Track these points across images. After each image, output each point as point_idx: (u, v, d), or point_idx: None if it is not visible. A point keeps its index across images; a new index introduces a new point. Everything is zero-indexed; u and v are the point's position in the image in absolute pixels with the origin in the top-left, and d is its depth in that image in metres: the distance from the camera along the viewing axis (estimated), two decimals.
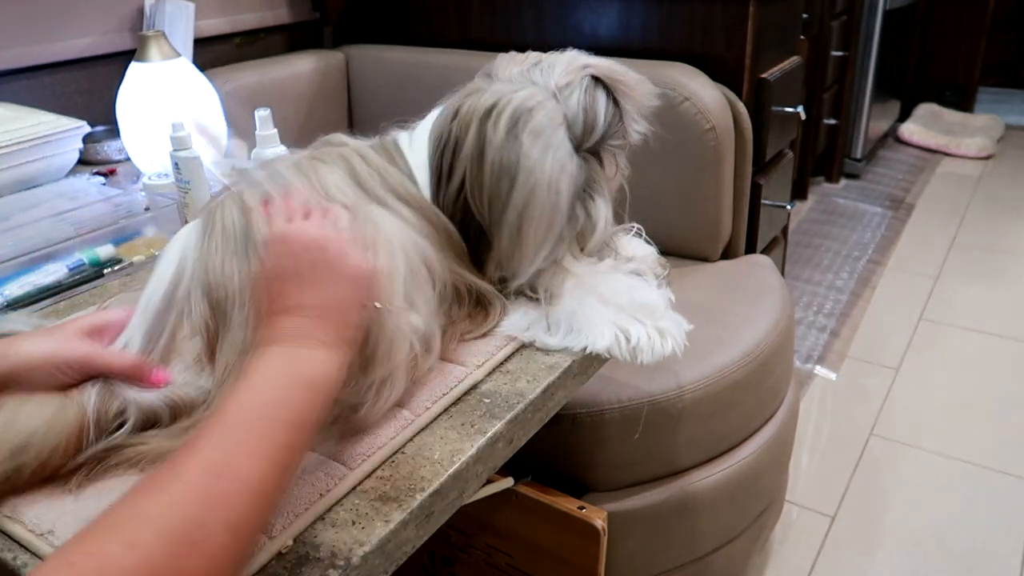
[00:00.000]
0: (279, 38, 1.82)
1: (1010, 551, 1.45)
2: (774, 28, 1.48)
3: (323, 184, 0.70)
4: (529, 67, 0.74)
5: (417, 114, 0.82)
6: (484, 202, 0.72)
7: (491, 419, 0.66)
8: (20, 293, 0.88)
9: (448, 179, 0.73)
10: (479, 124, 0.70)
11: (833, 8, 2.73)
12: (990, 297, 2.34)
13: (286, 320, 0.54)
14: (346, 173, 0.72)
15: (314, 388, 0.51)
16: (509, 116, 0.69)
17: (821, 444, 1.76)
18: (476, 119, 0.71)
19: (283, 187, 0.67)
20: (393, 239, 0.67)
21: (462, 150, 0.71)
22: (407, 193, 0.73)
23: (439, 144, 0.74)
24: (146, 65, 1.18)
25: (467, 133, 0.71)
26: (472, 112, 0.71)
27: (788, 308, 1.29)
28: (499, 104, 0.70)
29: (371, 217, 0.67)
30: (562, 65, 0.73)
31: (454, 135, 0.72)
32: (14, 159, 1.17)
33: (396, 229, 0.68)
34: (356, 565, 0.52)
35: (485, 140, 0.70)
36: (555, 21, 1.57)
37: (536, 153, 0.69)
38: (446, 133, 0.73)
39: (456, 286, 0.74)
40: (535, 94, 0.71)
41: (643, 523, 1.11)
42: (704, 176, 1.37)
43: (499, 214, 0.71)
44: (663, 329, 0.75)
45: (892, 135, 3.68)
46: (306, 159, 0.73)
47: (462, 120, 0.72)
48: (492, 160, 0.70)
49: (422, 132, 0.78)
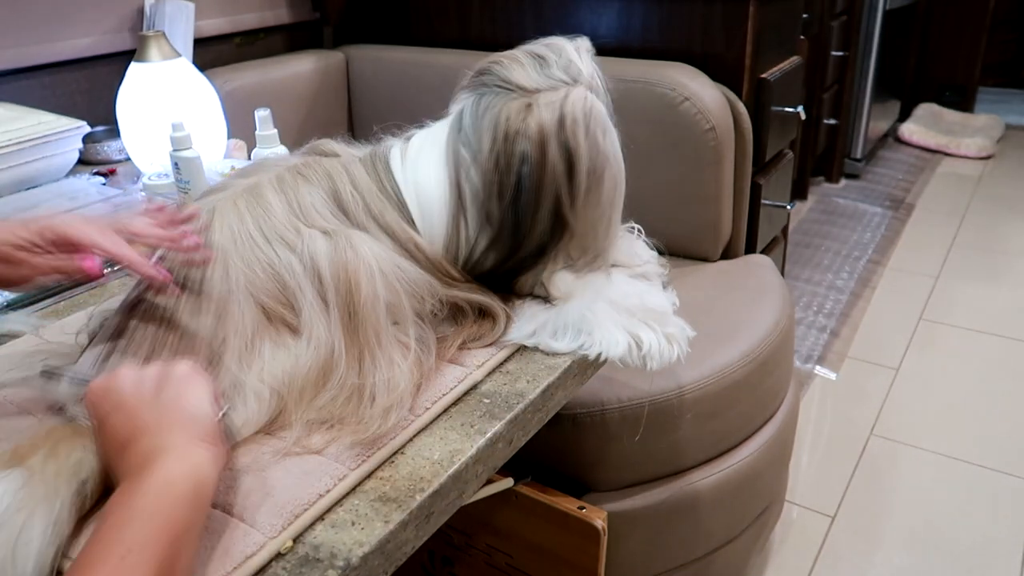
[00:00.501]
0: (279, 38, 1.82)
1: (1010, 551, 1.45)
2: (774, 28, 1.48)
3: (302, 204, 0.70)
4: (539, 66, 0.73)
5: (416, 114, 0.81)
6: (577, 211, 0.72)
7: (491, 419, 0.66)
8: (20, 293, 0.88)
9: (527, 203, 0.71)
10: (558, 142, 0.70)
11: (833, 8, 2.73)
12: (990, 297, 2.34)
13: (133, 449, 0.51)
14: (328, 195, 0.71)
15: (177, 504, 0.47)
16: (583, 125, 0.70)
17: (821, 444, 1.76)
18: (552, 138, 0.70)
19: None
20: (372, 263, 0.67)
21: (546, 171, 0.70)
22: (386, 223, 0.72)
23: (507, 170, 0.71)
24: (146, 65, 1.18)
25: (546, 154, 0.70)
26: (543, 131, 0.70)
27: (788, 308, 1.29)
28: (566, 116, 0.70)
29: (352, 242, 0.67)
30: (573, 54, 0.74)
31: (532, 159, 0.70)
32: (14, 159, 1.17)
33: (376, 252, 0.68)
34: (356, 565, 0.52)
35: (573, 155, 0.70)
36: (555, 21, 1.57)
37: (610, 146, 0.72)
38: (515, 158, 0.70)
39: (455, 303, 0.73)
40: (581, 92, 0.72)
41: (643, 523, 1.11)
42: (704, 176, 1.37)
43: (593, 211, 0.73)
44: (671, 335, 0.75)
45: (892, 135, 3.68)
46: (290, 173, 0.72)
47: (534, 140, 0.70)
48: (584, 170, 0.71)
49: (421, 155, 0.76)
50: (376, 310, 0.66)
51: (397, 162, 0.76)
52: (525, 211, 0.71)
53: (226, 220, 0.68)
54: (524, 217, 0.71)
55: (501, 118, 0.71)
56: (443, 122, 0.78)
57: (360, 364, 0.65)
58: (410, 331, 0.68)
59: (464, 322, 0.74)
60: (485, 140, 0.71)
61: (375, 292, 0.66)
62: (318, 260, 0.66)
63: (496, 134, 0.71)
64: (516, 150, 0.70)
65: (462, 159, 0.73)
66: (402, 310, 0.68)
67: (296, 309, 0.66)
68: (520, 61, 0.74)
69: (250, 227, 0.68)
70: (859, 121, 3.13)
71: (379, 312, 0.66)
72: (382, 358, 0.65)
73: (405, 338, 0.68)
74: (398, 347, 0.67)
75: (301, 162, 0.75)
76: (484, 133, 0.72)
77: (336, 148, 0.78)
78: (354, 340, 0.65)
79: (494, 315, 0.75)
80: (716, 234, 1.42)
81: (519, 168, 0.70)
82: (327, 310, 0.66)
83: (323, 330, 0.65)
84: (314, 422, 0.63)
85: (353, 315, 0.65)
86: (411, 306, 0.69)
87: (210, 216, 0.69)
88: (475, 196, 0.73)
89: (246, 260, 0.67)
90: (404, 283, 0.69)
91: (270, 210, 0.69)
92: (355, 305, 0.65)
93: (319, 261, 0.66)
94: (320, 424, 0.63)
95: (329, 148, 0.78)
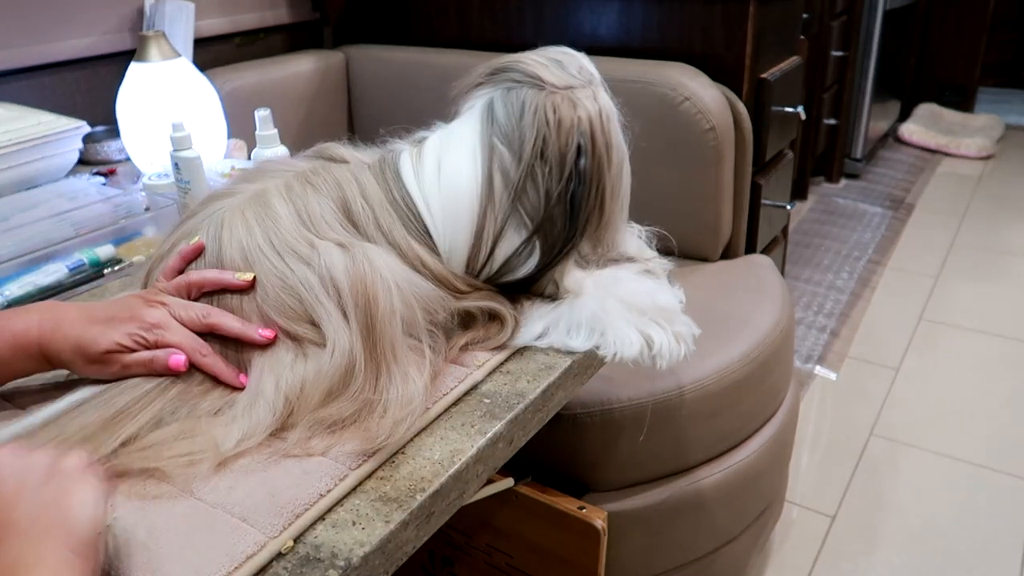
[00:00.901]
0: (279, 38, 1.82)
1: (1010, 551, 1.45)
2: (774, 28, 1.48)
3: (311, 214, 0.69)
4: (557, 67, 0.74)
5: (417, 114, 0.81)
6: (611, 198, 0.75)
7: (491, 419, 0.66)
8: (20, 293, 0.88)
9: (583, 195, 0.72)
10: (602, 131, 0.73)
11: (833, 8, 2.73)
12: (990, 297, 2.34)
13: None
14: (338, 206, 0.71)
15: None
16: (615, 116, 0.75)
17: (821, 444, 1.76)
18: (598, 128, 0.72)
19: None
20: (389, 277, 0.66)
21: (594, 160, 0.72)
22: (394, 240, 0.72)
23: (559, 164, 0.72)
24: (146, 65, 1.18)
25: (595, 143, 0.72)
26: (592, 121, 0.72)
27: (788, 308, 1.29)
28: (603, 109, 0.73)
29: (368, 255, 0.67)
30: (583, 61, 0.76)
31: (588, 149, 0.72)
32: (14, 159, 1.17)
33: (392, 266, 0.68)
34: (356, 565, 0.52)
35: (610, 144, 0.73)
36: (555, 21, 1.57)
37: (624, 140, 0.76)
38: (571, 149, 0.72)
39: (467, 312, 0.73)
40: (601, 90, 0.75)
41: (643, 523, 1.11)
42: (704, 176, 1.37)
43: (616, 202, 0.76)
44: (679, 334, 0.75)
45: (892, 135, 3.68)
46: (298, 181, 0.72)
47: (586, 132, 0.72)
48: (615, 160, 0.74)
49: (445, 155, 0.75)
50: (393, 324, 0.65)
51: (408, 169, 0.75)
52: (581, 203, 0.72)
53: (235, 233, 0.68)
54: (579, 210, 0.72)
55: (548, 111, 0.71)
56: (464, 119, 0.76)
57: (377, 379, 0.64)
58: (424, 344, 0.68)
59: (473, 325, 0.74)
60: (528, 133, 0.71)
61: (392, 306, 0.65)
62: (335, 273, 0.65)
63: (545, 127, 0.71)
64: (570, 142, 0.71)
65: (498, 152, 0.72)
66: (416, 324, 0.68)
67: (316, 321, 0.65)
68: (540, 61, 0.75)
69: (259, 240, 0.67)
70: (859, 121, 3.13)
71: (396, 326, 0.65)
72: (398, 373, 0.64)
73: (420, 352, 0.67)
74: (414, 362, 0.66)
75: (309, 168, 0.74)
76: (527, 126, 0.71)
77: (344, 153, 0.77)
78: (372, 355, 0.64)
79: (502, 319, 0.74)
80: (716, 234, 1.42)
81: (575, 160, 0.71)
82: (347, 323, 0.65)
83: (346, 341, 0.64)
84: (318, 427, 0.62)
85: (372, 329, 0.64)
86: (424, 319, 0.69)
87: (218, 229, 0.69)
88: (509, 191, 0.72)
89: (259, 275, 0.66)
90: (419, 298, 0.69)
91: (279, 221, 0.68)
92: (373, 319, 0.64)
93: (336, 274, 0.65)
94: (323, 428, 0.62)
95: (337, 153, 0.77)
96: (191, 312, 0.65)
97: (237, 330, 0.65)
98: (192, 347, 0.64)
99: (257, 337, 0.65)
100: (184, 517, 0.55)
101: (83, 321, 0.64)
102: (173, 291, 0.67)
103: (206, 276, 0.67)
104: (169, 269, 0.69)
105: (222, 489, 0.57)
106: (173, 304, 0.66)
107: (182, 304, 0.66)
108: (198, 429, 0.61)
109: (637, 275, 0.80)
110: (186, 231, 0.72)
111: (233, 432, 0.61)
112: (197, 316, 0.65)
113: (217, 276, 0.67)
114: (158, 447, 0.60)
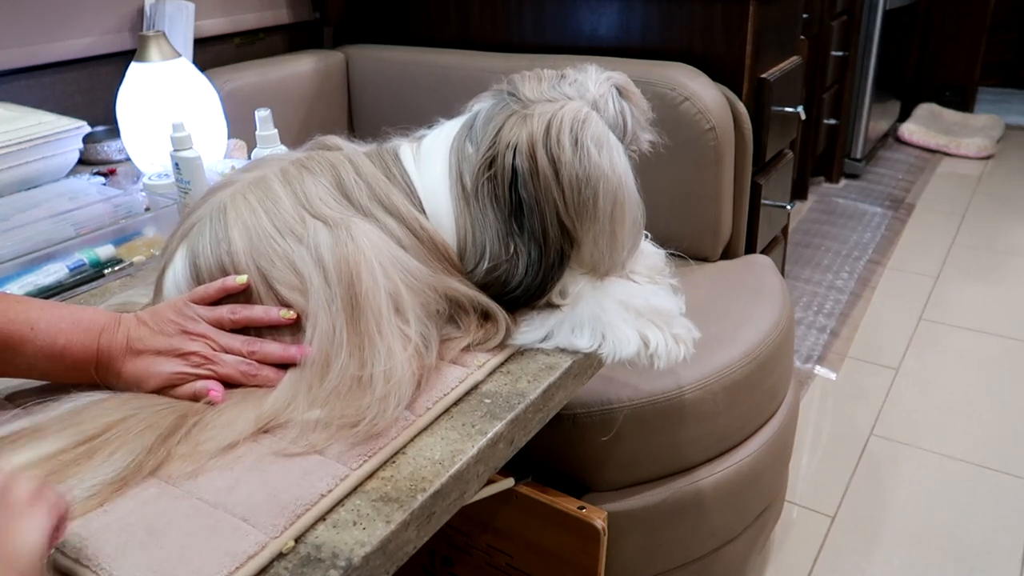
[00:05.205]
0: (279, 38, 1.82)
1: (1010, 551, 1.45)
2: (774, 28, 1.48)
3: (307, 194, 0.70)
4: (555, 82, 0.75)
5: (417, 114, 0.81)
6: (574, 219, 0.72)
7: (492, 420, 0.66)
8: (20, 293, 0.88)
9: (531, 213, 0.72)
10: (545, 148, 0.70)
11: (833, 8, 2.73)
12: (990, 297, 2.34)
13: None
14: (332, 183, 0.72)
15: None
16: (569, 131, 0.71)
17: (821, 444, 1.76)
18: (539, 145, 0.70)
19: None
20: (372, 257, 0.67)
21: (539, 179, 0.71)
22: (392, 205, 0.73)
23: (502, 181, 0.72)
24: (146, 65, 1.18)
25: (536, 161, 0.70)
26: (532, 140, 0.71)
27: (788, 308, 1.30)
28: (552, 123, 0.71)
29: (352, 233, 0.68)
30: (592, 78, 0.76)
31: (524, 169, 0.71)
32: (14, 159, 1.17)
33: (376, 243, 0.69)
34: (357, 565, 0.52)
35: (557, 161, 0.70)
36: (555, 21, 1.57)
37: (605, 159, 0.71)
38: (507, 170, 0.71)
39: (456, 299, 0.73)
40: (580, 106, 0.72)
41: (643, 523, 1.11)
42: (704, 176, 1.37)
43: (590, 224, 0.73)
44: (678, 336, 0.76)
45: (892, 135, 3.68)
46: (294, 166, 0.73)
47: (524, 151, 0.71)
48: (569, 177, 0.71)
49: (434, 151, 0.77)
50: (377, 299, 0.66)
51: (408, 155, 0.77)
52: (531, 221, 0.72)
53: (240, 216, 0.69)
54: (533, 229, 0.72)
55: (503, 129, 0.72)
56: (456, 120, 0.79)
57: (361, 353, 0.65)
58: (411, 323, 0.68)
59: (468, 324, 0.74)
60: (483, 145, 0.73)
61: (375, 282, 0.67)
62: (322, 251, 0.67)
63: (495, 141, 0.72)
64: (506, 163, 0.71)
65: (466, 155, 0.74)
66: (401, 299, 0.69)
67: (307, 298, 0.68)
68: (540, 76, 0.76)
69: (263, 221, 0.69)
70: (859, 121, 3.13)
71: (380, 302, 0.66)
72: (381, 347, 0.65)
73: (407, 329, 0.68)
74: (399, 337, 0.67)
75: (304, 156, 0.76)
76: (484, 139, 0.73)
77: (340, 143, 0.78)
78: (356, 330, 0.66)
79: (495, 319, 0.75)
80: (716, 234, 1.42)
81: (511, 182, 0.72)
82: (332, 300, 0.66)
83: (326, 319, 0.66)
84: (312, 418, 0.63)
85: (355, 306, 0.66)
86: (410, 298, 0.69)
87: (222, 212, 0.70)
88: (472, 196, 0.74)
89: (266, 257, 0.68)
90: (402, 273, 0.69)
91: (279, 202, 0.70)
92: (356, 296, 0.66)
93: (323, 252, 0.67)
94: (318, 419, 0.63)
95: (332, 143, 0.79)
96: (234, 343, 0.68)
97: (278, 356, 0.67)
98: (243, 372, 0.67)
99: (297, 357, 0.67)
100: (185, 517, 0.55)
101: (132, 356, 0.67)
102: (212, 321, 0.68)
103: (252, 315, 0.68)
104: (206, 296, 0.69)
105: (223, 489, 0.57)
106: (213, 336, 0.68)
107: (224, 338, 0.68)
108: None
109: (634, 277, 0.81)
110: (190, 225, 0.72)
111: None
112: (239, 347, 0.68)
113: (263, 315, 0.68)
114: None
